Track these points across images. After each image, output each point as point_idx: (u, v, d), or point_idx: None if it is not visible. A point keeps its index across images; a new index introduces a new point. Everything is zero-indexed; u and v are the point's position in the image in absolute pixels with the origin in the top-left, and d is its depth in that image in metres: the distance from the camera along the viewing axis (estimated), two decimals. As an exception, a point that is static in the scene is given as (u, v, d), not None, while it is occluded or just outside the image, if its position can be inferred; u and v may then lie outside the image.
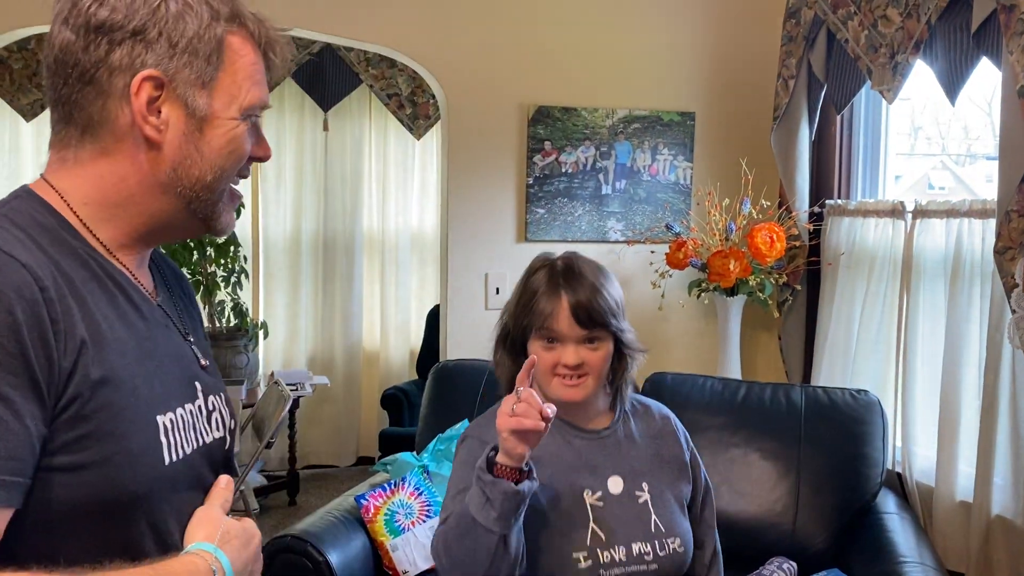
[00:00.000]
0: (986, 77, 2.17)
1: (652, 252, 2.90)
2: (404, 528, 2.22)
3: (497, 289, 2.89)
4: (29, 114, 4.36)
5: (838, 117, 2.71)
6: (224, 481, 1.05)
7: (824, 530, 2.18)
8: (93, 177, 0.99)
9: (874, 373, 2.53)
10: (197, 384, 1.06)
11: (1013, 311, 1.89)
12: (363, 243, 4.91)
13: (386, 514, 2.23)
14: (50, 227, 0.96)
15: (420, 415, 2.54)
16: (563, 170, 2.90)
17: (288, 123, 4.75)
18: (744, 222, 2.75)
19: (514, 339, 1.52)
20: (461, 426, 2.39)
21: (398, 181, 4.93)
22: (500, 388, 1.55)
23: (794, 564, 2.15)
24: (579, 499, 1.48)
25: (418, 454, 2.41)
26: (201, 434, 1.04)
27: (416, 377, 4.75)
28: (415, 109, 4.71)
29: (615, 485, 1.51)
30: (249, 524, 1.03)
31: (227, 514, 1.02)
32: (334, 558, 2.05)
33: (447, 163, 2.93)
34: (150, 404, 0.95)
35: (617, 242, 2.94)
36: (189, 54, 0.96)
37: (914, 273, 2.35)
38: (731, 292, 2.74)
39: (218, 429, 1.09)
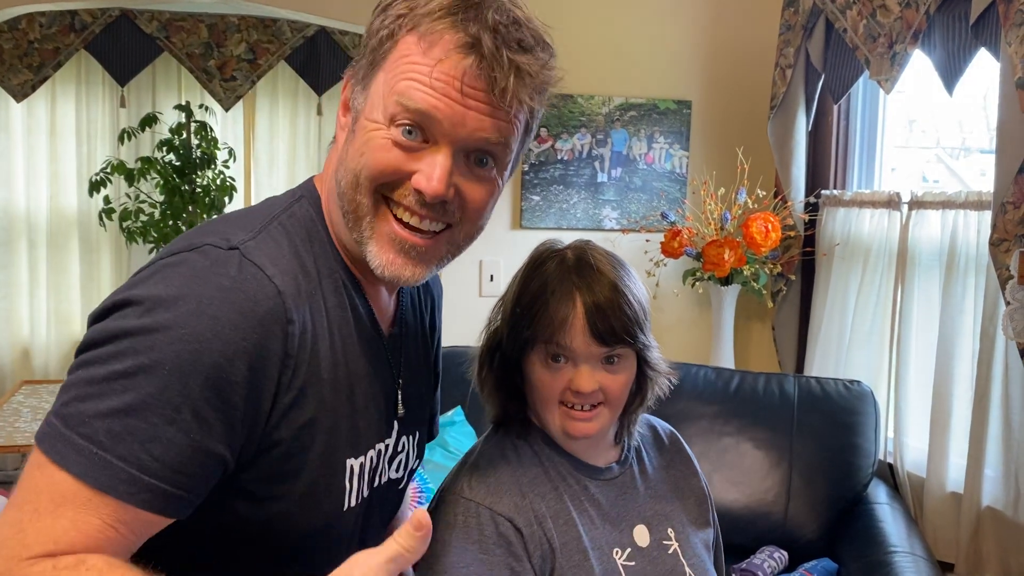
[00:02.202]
0: (981, 71, 2.17)
1: (647, 241, 2.89)
2: (396, 514, 2.21)
3: (491, 276, 2.88)
4: (19, 94, 4.28)
5: (835, 107, 2.70)
6: (421, 519, 0.80)
7: (815, 520, 2.19)
8: (326, 183, 0.95)
9: (867, 364, 2.53)
10: (395, 423, 1.00)
11: (1007, 303, 1.89)
12: (356, 229, 4.89)
13: (378, 500, 2.22)
14: (320, 240, 0.91)
15: (413, 401, 2.53)
16: (559, 157, 2.89)
17: (281, 107, 4.72)
18: (739, 211, 2.74)
19: (506, 353, 1.17)
20: (455, 413, 2.39)
21: (392, 167, 4.90)
22: (487, 412, 1.24)
23: (785, 553, 2.16)
24: (610, 562, 1.15)
25: (410, 440, 2.41)
26: (379, 475, 0.98)
27: (408, 364, 4.74)
28: (410, 94, 4.67)
29: (641, 536, 1.21)
30: None
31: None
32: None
33: (442, 149, 2.91)
34: (344, 447, 0.90)
35: (612, 230, 2.94)
36: (363, 53, 0.90)
37: (909, 264, 2.35)
38: (725, 281, 2.73)
39: (398, 470, 1.03)
